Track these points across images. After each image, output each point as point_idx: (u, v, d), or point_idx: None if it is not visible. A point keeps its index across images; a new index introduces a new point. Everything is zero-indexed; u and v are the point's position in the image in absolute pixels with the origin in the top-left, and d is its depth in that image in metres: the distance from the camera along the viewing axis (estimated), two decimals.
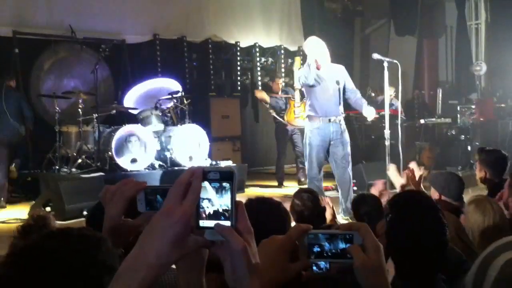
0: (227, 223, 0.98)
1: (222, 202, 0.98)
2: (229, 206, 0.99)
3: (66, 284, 1.03)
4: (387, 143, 6.71)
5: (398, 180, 4.02)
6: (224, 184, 0.98)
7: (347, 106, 7.33)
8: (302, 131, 8.11)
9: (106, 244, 1.14)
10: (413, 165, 4.06)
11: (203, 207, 0.98)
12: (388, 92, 6.72)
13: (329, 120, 6.71)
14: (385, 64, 6.71)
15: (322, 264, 2.33)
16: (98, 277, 1.06)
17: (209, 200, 0.98)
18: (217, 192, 0.98)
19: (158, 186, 1.38)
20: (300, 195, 3.80)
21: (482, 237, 3.05)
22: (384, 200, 3.92)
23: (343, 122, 6.87)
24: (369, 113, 6.88)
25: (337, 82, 6.75)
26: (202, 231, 0.98)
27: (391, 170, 4.24)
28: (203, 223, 0.98)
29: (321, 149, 6.73)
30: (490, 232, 3.05)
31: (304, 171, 8.38)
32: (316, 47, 6.75)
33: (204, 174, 0.98)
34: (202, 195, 0.98)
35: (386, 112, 6.91)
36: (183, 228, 0.94)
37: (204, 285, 1.23)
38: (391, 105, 11.97)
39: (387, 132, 6.75)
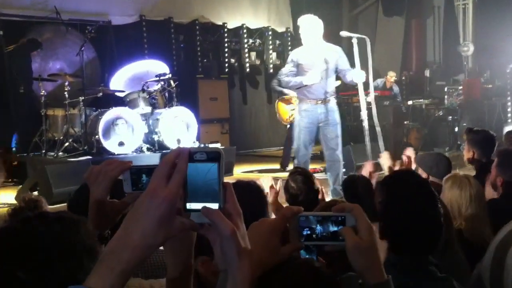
0: (215, 205, 0.96)
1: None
2: (216, 187, 0.97)
3: (44, 266, 1.01)
4: (364, 124, 6.78)
5: (390, 167, 4.02)
6: (211, 165, 0.96)
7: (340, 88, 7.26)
8: None
9: (84, 226, 1.13)
10: (410, 151, 4.07)
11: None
12: (361, 75, 6.62)
13: (317, 102, 6.68)
14: (354, 41, 6.62)
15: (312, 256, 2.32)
16: (77, 258, 1.05)
17: None
18: None
19: (143, 165, 1.35)
20: (294, 177, 3.77)
21: (460, 211, 3.05)
22: (373, 182, 3.91)
23: (333, 103, 6.78)
24: (356, 75, 6.66)
25: (325, 61, 6.66)
26: (190, 213, 0.97)
27: (384, 158, 4.23)
28: (190, 205, 0.96)
29: (308, 131, 6.72)
30: (468, 205, 3.06)
31: None
32: (308, 28, 6.71)
33: (190, 154, 0.96)
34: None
35: (361, 95, 6.89)
36: (168, 209, 0.92)
37: (192, 266, 1.21)
38: (391, 90, 12.02)
39: (363, 113, 6.80)
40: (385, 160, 4.20)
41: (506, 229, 1.51)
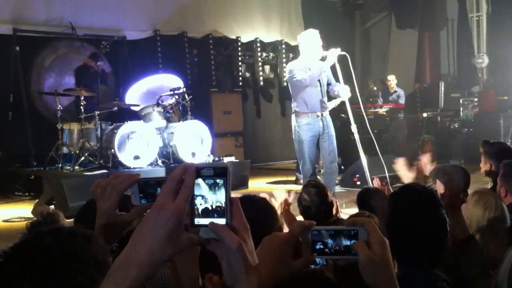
0: (222, 220, 0.96)
1: (216, 198, 0.97)
2: (223, 203, 0.97)
3: (54, 281, 1.01)
4: (355, 137, 7.06)
5: (406, 174, 4.00)
6: (218, 180, 0.97)
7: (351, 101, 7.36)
8: None
9: (96, 240, 1.13)
10: (425, 158, 4.04)
11: (196, 204, 0.96)
12: (346, 90, 6.93)
13: (317, 116, 6.79)
14: (332, 57, 6.80)
15: (318, 260, 2.30)
16: (88, 273, 1.05)
17: (203, 196, 0.97)
18: (210, 189, 0.97)
19: (151, 178, 1.35)
20: (308, 189, 3.76)
21: (479, 230, 3.02)
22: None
23: (329, 117, 6.97)
24: (342, 90, 6.91)
25: (320, 79, 6.86)
26: (197, 228, 0.97)
27: (399, 164, 4.21)
28: (198, 221, 0.97)
29: (312, 144, 6.83)
30: (488, 226, 3.03)
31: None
32: (310, 42, 6.89)
33: (197, 170, 0.96)
34: (196, 191, 0.96)
35: (348, 108, 7.09)
36: (175, 225, 0.92)
37: (199, 279, 1.21)
38: (398, 96, 11.89)
39: (353, 126, 6.99)
40: (401, 166, 4.17)
41: None
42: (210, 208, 0.97)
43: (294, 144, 7.03)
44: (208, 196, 0.97)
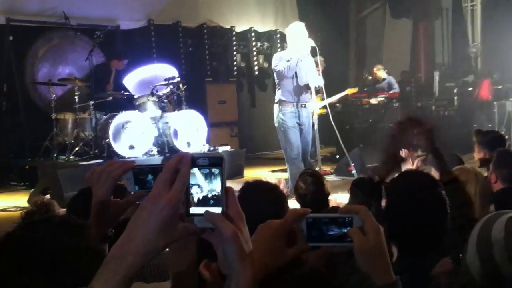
0: (218, 209, 0.97)
1: (212, 187, 0.97)
2: (219, 192, 0.97)
3: (47, 271, 1.01)
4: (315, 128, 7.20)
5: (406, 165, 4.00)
6: (214, 169, 0.97)
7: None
8: None
9: (88, 230, 1.13)
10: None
11: (192, 193, 0.97)
12: (320, 78, 7.16)
13: (301, 106, 6.95)
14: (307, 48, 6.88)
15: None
16: (81, 263, 1.05)
17: (199, 186, 0.97)
18: (206, 178, 0.97)
19: (146, 165, 1.35)
20: (304, 178, 3.78)
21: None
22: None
23: (309, 108, 7.08)
24: (317, 80, 7.10)
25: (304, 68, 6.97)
26: (193, 218, 0.97)
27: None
28: (193, 210, 0.97)
29: (297, 130, 6.97)
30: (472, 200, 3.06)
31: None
32: (297, 34, 6.95)
33: (193, 160, 0.96)
34: (191, 181, 0.96)
35: (314, 99, 7.22)
36: (170, 214, 0.93)
37: (197, 265, 1.22)
38: (388, 84, 11.81)
39: (315, 117, 7.19)
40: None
41: (490, 214, 1.52)
42: (205, 197, 0.97)
43: (278, 134, 7.07)
44: (204, 186, 0.97)
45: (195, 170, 0.96)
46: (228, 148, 9.72)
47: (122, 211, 1.40)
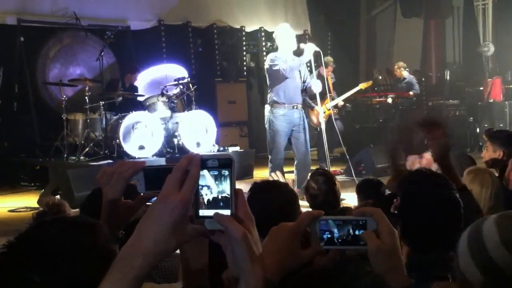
0: (227, 211, 0.97)
1: (221, 189, 0.97)
2: (228, 194, 0.97)
3: (60, 270, 1.01)
4: (322, 131, 7.32)
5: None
6: (223, 171, 0.97)
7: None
8: None
9: (100, 229, 1.13)
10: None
11: (202, 195, 0.97)
12: (318, 84, 7.09)
13: (293, 107, 6.90)
14: (310, 51, 6.86)
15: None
16: (92, 262, 1.05)
17: (208, 187, 0.97)
18: (216, 180, 0.97)
19: (156, 165, 1.36)
20: (315, 177, 3.77)
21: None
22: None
23: (302, 109, 7.09)
24: (315, 85, 7.04)
25: (299, 71, 6.97)
26: (202, 220, 0.98)
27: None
28: (203, 212, 0.97)
29: (285, 135, 6.96)
30: (487, 202, 3.03)
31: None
32: (289, 36, 6.98)
33: (202, 161, 0.97)
34: (201, 182, 0.97)
35: (319, 103, 7.33)
36: (181, 215, 0.93)
37: (207, 267, 1.22)
38: (408, 84, 11.54)
39: (322, 122, 7.40)
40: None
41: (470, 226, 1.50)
42: (215, 199, 0.97)
43: (266, 134, 7.06)
44: (213, 187, 0.97)
45: (204, 172, 0.97)
46: (237, 148, 9.72)
47: (132, 212, 1.40)
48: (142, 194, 1.35)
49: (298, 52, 6.93)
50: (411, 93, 11.20)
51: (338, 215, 1.40)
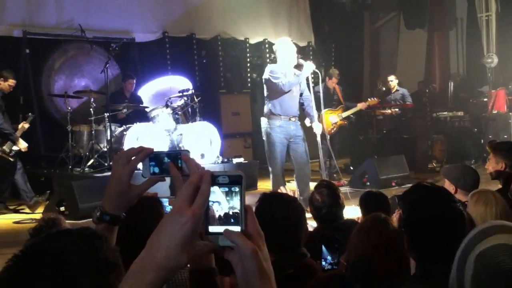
0: (237, 227, 0.98)
1: (232, 205, 0.99)
2: (239, 210, 0.99)
3: (70, 283, 1.02)
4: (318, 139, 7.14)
5: None
6: (234, 188, 0.99)
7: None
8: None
9: (106, 241, 1.14)
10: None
11: (212, 210, 0.99)
12: (319, 128, 7.15)
13: (289, 119, 6.94)
14: (308, 70, 6.88)
15: (329, 259, 2.31)
16: (101, 275, 1.06)
17: (219, 203, 0.99)
18: (226, 196, 0.99)
19: (161, 151, 1.38)
20: (320, 190, 3.77)
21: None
22: None
23: (298, 121, 7.10)
24: (317, 128, 7.13)
25: (299, 84, 7.00)
26: (212, 236, 0.99)
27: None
28: (213, 228, 0.98)
29: (283, 146, 6.97)
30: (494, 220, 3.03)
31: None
32: (289, 49, 6.99)
33: (213, 178, 0.98)
34: (212, 198, 0.98)
35: (315, 114, 7.19)
36: (191, 230, 0.94)
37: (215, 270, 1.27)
38: (401, 96, 11.58)
39: (318, 135, 7.13)
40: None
41: (471, 233, 1.48)
42: (225, 215, 0.99)
43: (264, 146, 7.06)
44: (224, 203, 0.99)
45: (215, 188, 0.98)
46: (241, 159, 9.72)
47: (136, 195, 1.42)
48: (147, 179, 1.38)
49: (297, 66, 6.95)
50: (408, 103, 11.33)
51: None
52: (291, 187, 6.90)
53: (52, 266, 1.03)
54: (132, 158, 1.38)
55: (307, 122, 7.43)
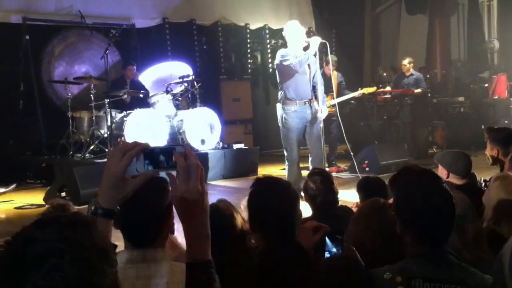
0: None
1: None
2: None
3: (57, 271, 1.03)
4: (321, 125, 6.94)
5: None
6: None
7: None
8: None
9: (96, 228, 1.14)
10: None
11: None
12: (326, 110, 7.07)
13: (304, 103, 6.84)
14: (315, 45, 6.71)
15: (333, 251, 2.33)
16: (90, 262, 1.06)
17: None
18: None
19: (156, 147, 1.43)
20: (313, 178, 3.77)
21: (495, 210, 3.01)
22: None
23: (314, 104, 6.97)
24: (323, 112, 7.03)
25: (309, 66, 6.88)
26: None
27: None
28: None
29: (300, 132, 6.88)
30: (505, 207, 3.02)
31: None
32: (298, 32, 6.88)
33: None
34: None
35: (320, 95, 7.01)
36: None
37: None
38: (416, 80, 11.24)
39: (319, 115, 6.93)
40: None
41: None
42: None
43: (280, 132, 7.04)
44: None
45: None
46: (242, 145, 9.73)
47: (131, 190, 1.44)
48: (141, 173, 1.41)
49: (307, 47, 6.90)
50: (417, 90, 10.97)
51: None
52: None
53: (37, 254, 1.03)
54: (129, 152, 1.40)
55: (315, 105, 7.37)
